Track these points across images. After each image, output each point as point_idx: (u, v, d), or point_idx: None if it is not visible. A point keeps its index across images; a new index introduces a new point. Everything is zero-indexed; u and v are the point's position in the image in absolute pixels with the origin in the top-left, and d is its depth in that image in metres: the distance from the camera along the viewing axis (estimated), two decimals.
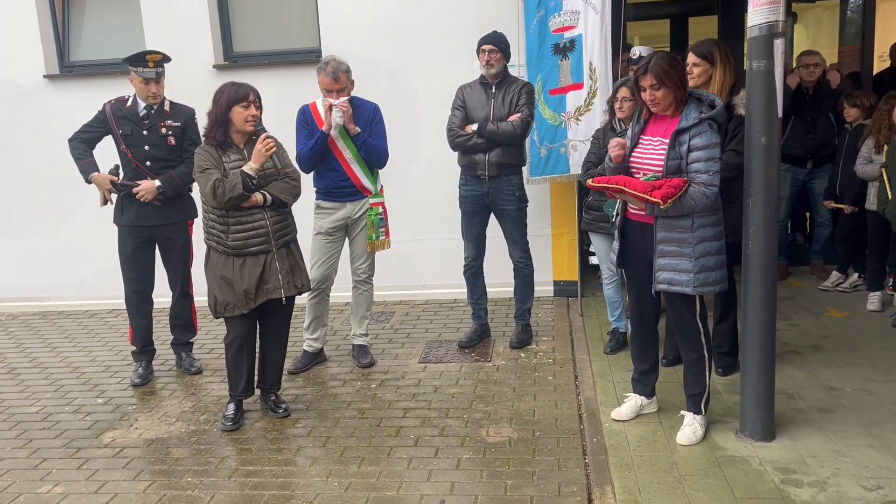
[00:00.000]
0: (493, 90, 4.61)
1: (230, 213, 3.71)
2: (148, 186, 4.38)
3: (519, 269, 4.87)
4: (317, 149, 4.40)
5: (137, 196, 4.37)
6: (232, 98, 3.69)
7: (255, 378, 4.03)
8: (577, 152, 5.02)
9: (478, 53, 4.61)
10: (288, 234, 3.88)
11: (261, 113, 3.80)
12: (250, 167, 3.67)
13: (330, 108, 4.30)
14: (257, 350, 4.00)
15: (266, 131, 3.78)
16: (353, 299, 4.75)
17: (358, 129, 4.40)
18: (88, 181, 4.44)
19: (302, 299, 4.63)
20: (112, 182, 4.40)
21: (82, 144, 4.49)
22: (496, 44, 4.55)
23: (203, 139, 3.81)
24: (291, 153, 4.42)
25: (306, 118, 4.51)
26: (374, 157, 4.52)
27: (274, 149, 3.71)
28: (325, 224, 4.53)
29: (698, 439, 3.36)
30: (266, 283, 3.77)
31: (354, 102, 4.47)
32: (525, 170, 4.99)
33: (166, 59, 4.44)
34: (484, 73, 4.62)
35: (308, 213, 4.62)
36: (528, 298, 4.94)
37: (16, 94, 6.23)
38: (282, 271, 3.80)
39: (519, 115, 4.53)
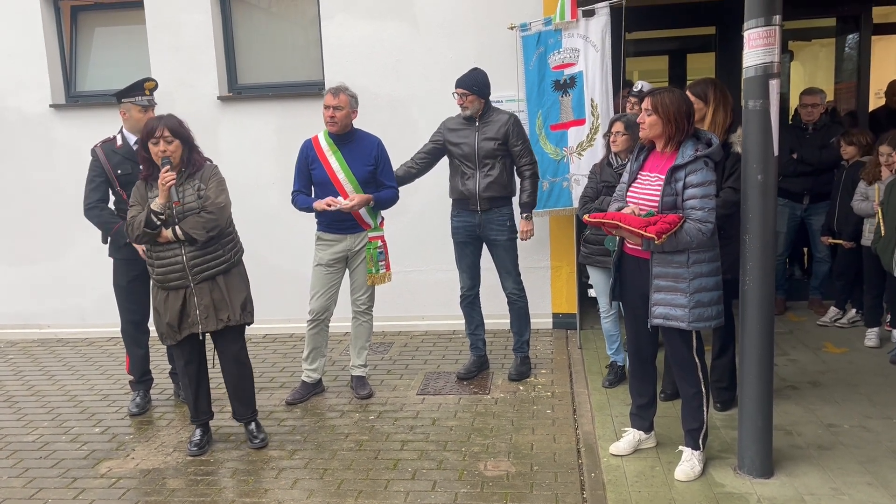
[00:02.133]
0: (477, 123, 4.68)
1: (152, 248, 3.77)
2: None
3: (513, 301, 4.89)
4: (308, 210, 4.49)
5: None
6: (145, 135, 3.73)
7: (209, 405, 4.09)
8: (580, 186, 5.07)
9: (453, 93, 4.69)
10: (212, 268, 3.80)
11: (182, 144, 3.74)
12: (156, 203, 3.69)
13: (329, 204, 4.35)
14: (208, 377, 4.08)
15: (170, 164, 3.70)
16: (353, 330, 4.77)
17: (372, 202, 4.52)
18: (127, 243, 4.38)
19: (300, 329, 4.65)
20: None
21: (101, 204, 4.42)
22: (466, 87, 4.60)
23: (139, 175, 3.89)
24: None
25: (308, 157, 4.52)
26: (389, 205, 4.65)
27: (171, 182, 3.66)
28: (326, 256, 4.56)
29: (696, 475, 3.35)
30: (187, 316, 3.81)
31: (357, 135, 4.54)
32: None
33: (157, 86, 4.52)
34: (461, 113, 4.71)
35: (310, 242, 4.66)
36: (525, 330, 4.95)
37: (22, 123, 6.31)
38: (200, 306, 3.79)
39: (529, 180, 4.70)
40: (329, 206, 4.35)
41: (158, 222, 3.68)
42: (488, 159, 4.63)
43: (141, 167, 3.86)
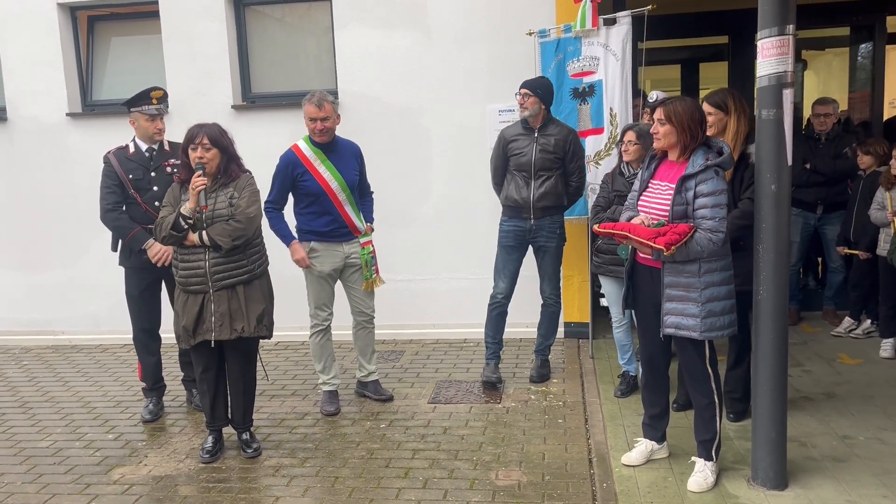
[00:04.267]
0: (536, 134, 4.68)
1: (179, 250, 3.81)
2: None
3: (548, 304, 4.94)
4: (281, 237, 4.50)
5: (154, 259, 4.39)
6: (185, 140, 3.80)
7: (226, 411, 4.11)
8: (596, 195, 5.07)
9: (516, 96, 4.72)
10: (234, 277, 3.81)
11: (220, 152, 3.79)
12: (186, 207, 3.73)
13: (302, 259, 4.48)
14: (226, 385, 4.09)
15: (203, 169, 3.74)
16: (361, 339, 4.75)
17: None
18: (143, 250, 4.41)
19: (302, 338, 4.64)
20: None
21: (118, 208, 4.44)
22: (530, 88, 4.62)
23: (174, 178, 3.95)
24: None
25: (295, 169, 4.41)
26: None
27: (201, 187, 3.70)
28: (327, 267, 4.51)
29: (709, 486, 3.33)
30: (203, 322, 3.82)
31: (339, 142, 4.52)
32: None
33: (166, 94, 4.54)
34: (519, 115, 4.71)
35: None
36: (551, 335, 5.00)
37: (38, 132, 6.37)
38: (216, 314, 3.79)
39: (571, 196, 4.87)
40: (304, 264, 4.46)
41: (185, 226, 3.71)
42: (543, 171, 4.66)
43: (177, 171, 3.92)
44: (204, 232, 3.75)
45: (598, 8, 5.08)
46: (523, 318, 5.63)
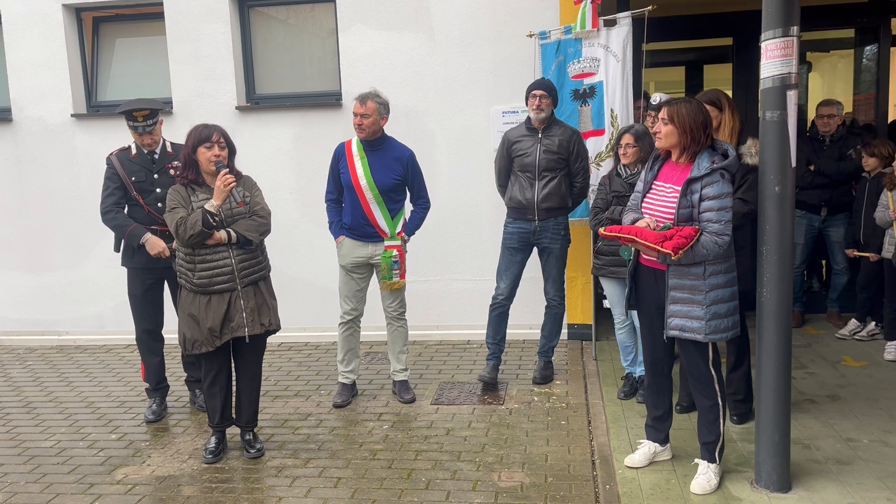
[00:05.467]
0: (540, 135, 4.69)
1: (196, 251, 3.77)
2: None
3: (552, 306, 4.93)
4: (330, 229, 4.73)
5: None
6: (196, 139, 3.77)
7: (232, 411, 4.11)
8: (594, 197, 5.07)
9: (527, 99, 4.69)
10: (256, 273, 3.89)
11: (228, 153, 3.83)
12: (212, 204, 3.72)
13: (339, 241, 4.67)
14: (233, 385, 4.09)
15: (227, 168, 3.77)
16: (389, 336, 4.83)
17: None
18: (140, 245, 4.40)
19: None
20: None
21: (116, 208, 4.45)
22: (547, 90, 4.65)
23: (176, 179, 3.92)
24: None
25: (339, 159, 4.62)
26: (421, 223, 4.78)
27: (233, 184, 3.72)
28: (348, 261, 4.62)
29: (712, 488, 3.32)
30: (231, 321, 3.81)
31: (388, 143, 4.61)
32: None
33: (155, 112, 4.43)
34: (532, 117, 4.70)
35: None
36: (555, 337, 5.00)
37: (44, 133, 6.39)
38: (246, 309, 3.83)
39: (575, 197, 4.87)
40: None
41: (214, 223, 3.72)
42: (548, 171, 4.67)
43: (179, 171, 3.90)
44: (231, 229, 3.78)
45: (599, 9, 5.08)
46: (526, 320, 5.64)
